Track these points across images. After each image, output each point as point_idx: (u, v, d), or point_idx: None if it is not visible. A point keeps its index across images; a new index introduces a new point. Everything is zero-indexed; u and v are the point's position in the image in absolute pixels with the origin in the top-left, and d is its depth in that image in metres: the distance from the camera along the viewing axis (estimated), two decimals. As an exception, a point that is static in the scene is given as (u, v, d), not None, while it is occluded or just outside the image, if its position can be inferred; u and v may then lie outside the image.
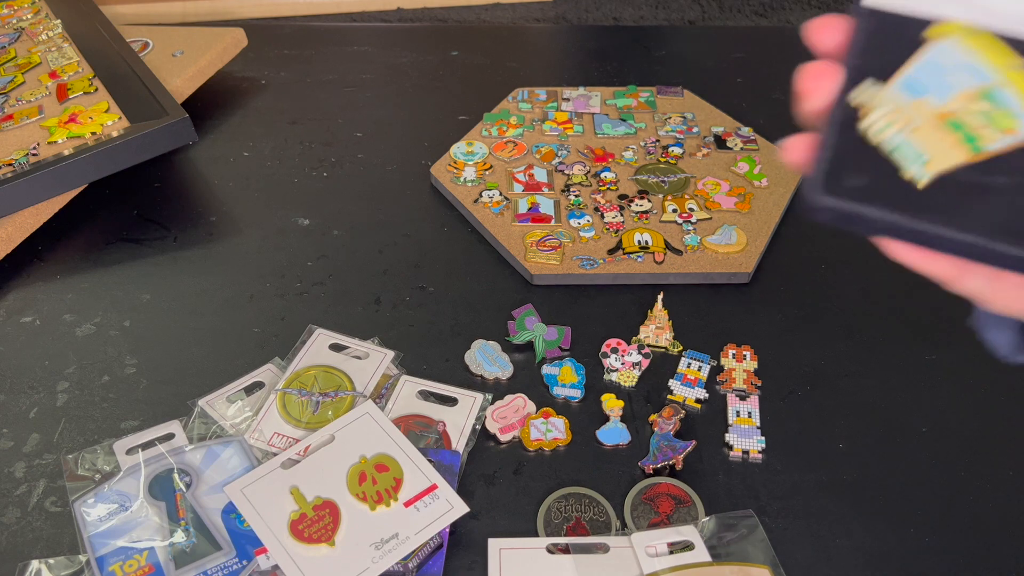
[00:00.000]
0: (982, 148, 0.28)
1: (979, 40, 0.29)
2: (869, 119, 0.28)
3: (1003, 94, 0.29)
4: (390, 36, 1.01)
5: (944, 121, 0.28)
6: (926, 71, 0.29)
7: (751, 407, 0.55)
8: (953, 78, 0.29)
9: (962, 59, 0.29)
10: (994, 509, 0.49)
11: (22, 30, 0.87)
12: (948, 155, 0.28)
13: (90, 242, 0.69)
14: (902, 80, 0.29)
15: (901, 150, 0.28)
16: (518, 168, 0.74)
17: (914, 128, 0.28)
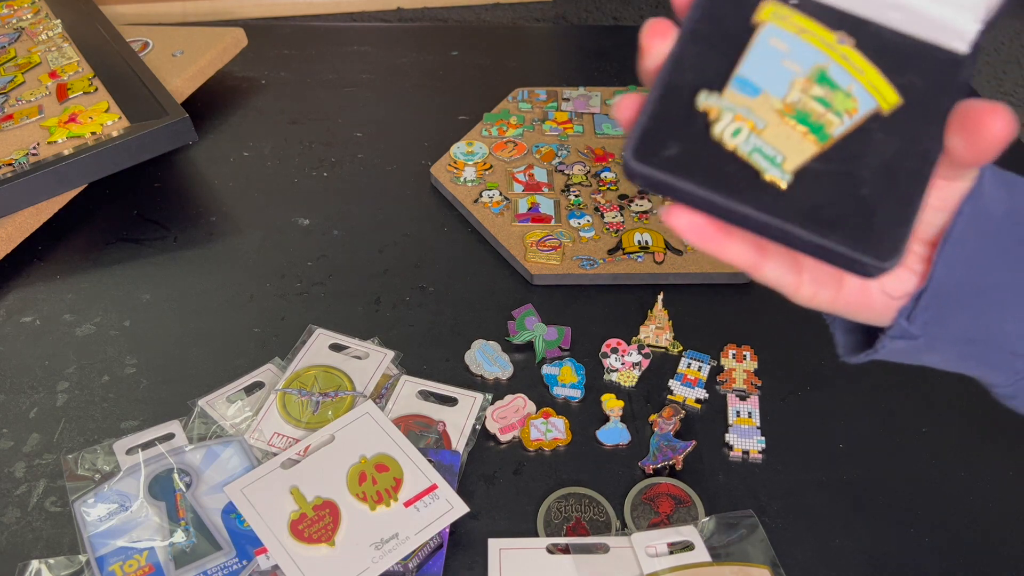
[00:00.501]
0: (830, 135, 0.28)
1: (798, 21, 0.29)
2: (718, 128, 0.28)
3: (835, 74, 0.29)
4: (390, 36, 1.01)
5: (788, 115, 0.28)
6: (759, 64, 0.29)
7: (751, 407, 0.55)
8: (785, 67, 0.29)
9: (788, 44, 0.29)
10: (994, 509, 0.49)
11: (22, 30, 0.87)
12: (800, 150, 0.28)
13: (90, 242, 0.69)
14: (738, 79, 0.28)
15: (756, 154, 0.28)
16: (518, 168, 0.74)
17: (761, 130, 0.28)
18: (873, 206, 0.28)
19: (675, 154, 0.28)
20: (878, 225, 0.27)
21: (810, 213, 0.27)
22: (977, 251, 0.31)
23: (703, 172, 0.27)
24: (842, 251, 0.27)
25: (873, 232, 0.27)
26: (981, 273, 0.31)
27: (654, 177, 0.27)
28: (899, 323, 0.32)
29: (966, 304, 0.32)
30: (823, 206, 0.27)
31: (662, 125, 0.28)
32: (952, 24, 0.30)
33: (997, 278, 0.31)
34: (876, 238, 0.27)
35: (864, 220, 0.27)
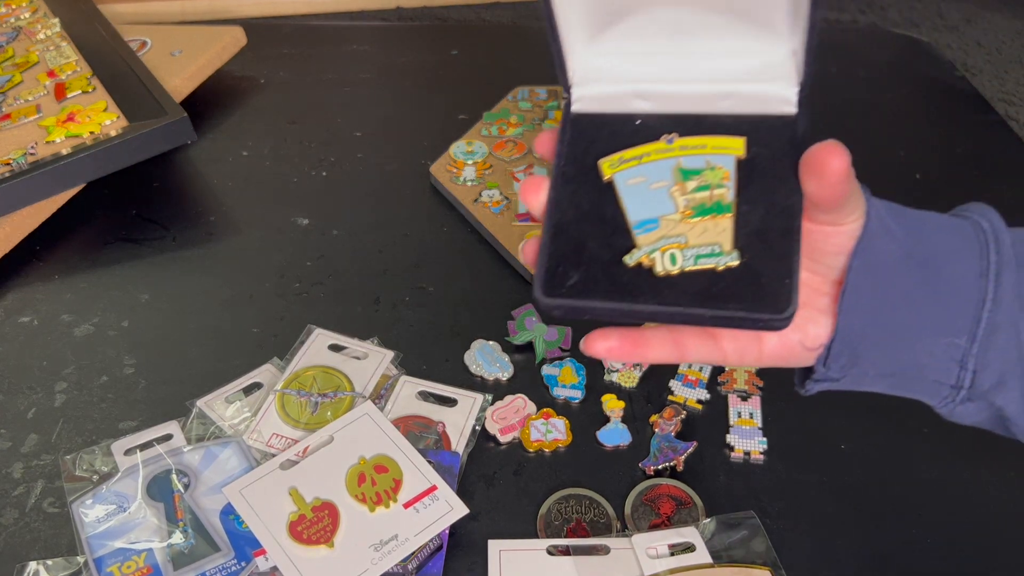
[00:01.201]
0: (729, 203, 0.32)
1: (630, 155, 0.33)
2: (658, 267, 0.31)
3: (688, 163, 0.33)
4: (390, 35, 1.01)
5: (690, 217, 0.32)
6: (638, 204, 0.33)
7: (752, 408, 0.54)
8: (655, 190, 0.33)
9: (641, 175, 0.33)
10: (996, 510, 0.49)
11: (20, 29, 0.86)
12: (723, 230, 0.31)
13: (89, 242, 0.69)
14: (636, 226, 0.32)
15: (701, 260, 0.31)
16: (518, 168, 0.74)
17: (686, 244, 0.31)
18: (757, 270, 0.31)
19: (577, 281, 0.31)
20: (767, 285, 0.30)
21: (705, 293, 0.30)
22: (876, 297, 0.33)
23: (604, 288, 0.31)
24: (743, 316, 0.30)
25: (764, 292, 0.30)
26: (885, 316, 0.33)
27: (565, 305, 0.31)
28: (818, 369, 0.35)
29: (877, 344, 0.34)
30: (714, 284, 0.31)
31: (559, 262, 0.32)
32: (775, 95, 0.33)
33: (902, 318, 0.33)
34: (769, 297, 0.30)
35: (754, 284, 0.30)
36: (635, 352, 0.34)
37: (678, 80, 0.34)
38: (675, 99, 0.34)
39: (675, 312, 0.30)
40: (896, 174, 0.77)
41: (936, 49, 0.98)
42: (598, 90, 0.35)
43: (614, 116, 0.35)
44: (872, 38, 1.05)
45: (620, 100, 0.35)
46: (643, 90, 0.34)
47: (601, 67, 0.34)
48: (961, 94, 0.90)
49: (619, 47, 0.34)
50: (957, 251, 0.33)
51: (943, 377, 0.34)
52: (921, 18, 2.04)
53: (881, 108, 0.87)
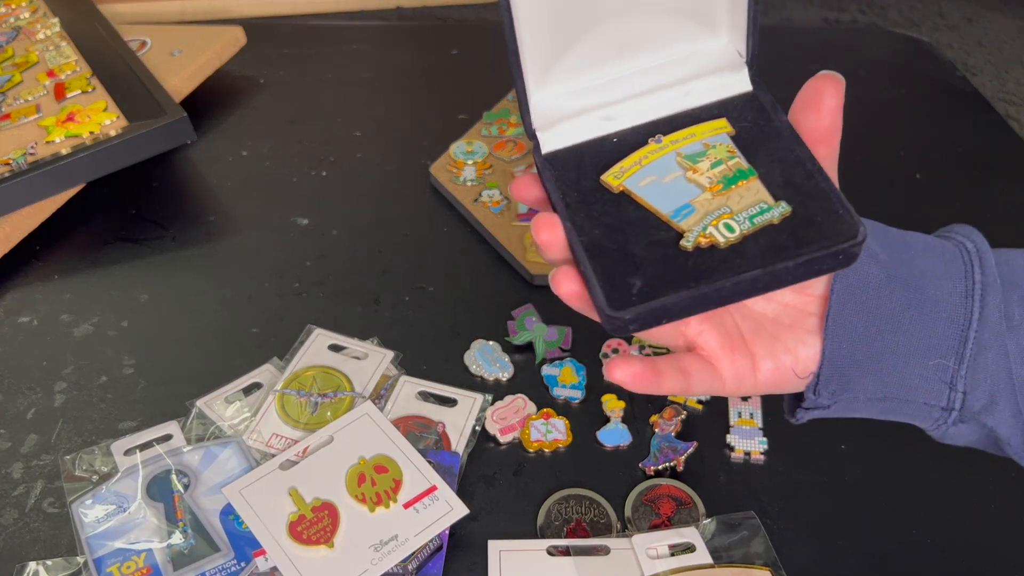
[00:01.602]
0: (749, 168, 0.32)
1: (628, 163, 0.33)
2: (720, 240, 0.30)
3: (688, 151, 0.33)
4: (389, 35, 1.01)
5: (720, 191, 0.32)
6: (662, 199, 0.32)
7: (753, 408, 0.54)
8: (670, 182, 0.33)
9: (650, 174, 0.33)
10: (996, 510, 0.49)
11: (19, 28, 0.86)
12: (758, 191, 0.32)
13: (88, 242, 0.69)
14: (672, 215, 0.32)
15: (756, 218, 0.31)
16: (518, 167, 0.74)
17: (731, 212, 0.31)
18: (809, 211, 0.31)
19: (643, 285, 0.30)
20: (826, 220, 0.30)
21: (775, 248, 0.30)
22: (861, 321, 0.33)
23: (675, 279, 0.30)
24: (823, 254, 0.29)
25: (829, 226, 0.30)
26: (872, 339, 0.33)
27: (641, 312, 0.29)
28: (808, 396, 0.35)
29: (866, 369, 0.34)
30: (776, 237, 0.30)
31: (612, 275, 0.30)
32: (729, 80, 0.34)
33: (889, 341, 0.33)
34: (835, 228, 0.30)
35: (814, 224, 0.30)
36: (654, 381, 0.34)
37: (637, 91, 0.35)
38: (640, 109, 0.35)
39: (757, 276, 0.29)
40: (896, 174, 0.77)
41: (936, 49, 0.98)
42: (563, 122, 0.35)
43: (587, 143, 0.34)
44: (872, 38, 1.05)
45: (587, 127, 0.35)
46: (607, 111, 0.35)
47: (559, 99, 0.35)
48: (961, 94, 0.90)
49: (571, 78, 0.34)
50: (941, 272, 0.34)
51: (934, 399, 0.34)
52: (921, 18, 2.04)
53: (881, 108, 0.87)
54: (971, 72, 1.82)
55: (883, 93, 0.89)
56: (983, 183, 0.77)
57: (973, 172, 0.78)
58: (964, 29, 2.00)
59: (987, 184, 0.76)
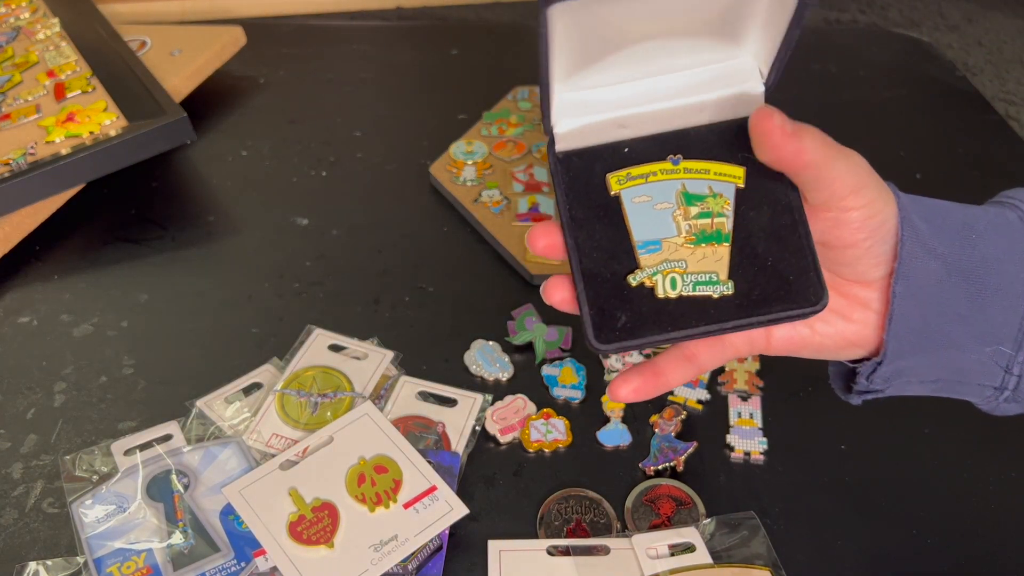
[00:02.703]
0: (727, 233, 0.33)
1: (637, 172, 0.34)
2: (659, 290, 0.33)
3: (693, 188, 0.34)
4: (389, 35, 1.01)
5: (691, 243, 0.33)
6: (642, 223, 0.34)
7: (753, 408, 0.54)
8: (659, 211, 0.34)
9: (647, 194, 0.34)
10: (997, 510, 0.49)
11: (19, 28, 0.86)
12: (719, 259, 0.33)
13: (88, 242, 0.69)
14: (640, 245, 0.34)
15: (699, 287, 0.33)
16: (518, 167, 0.74)
17: (685, 269, 0.33)
18: (783, 270, 0.33)
19: (627, 321, 0.33)
20: (796, 282, 0.32)
21: (745, 304, 0.32)
22: (919, 319, 0.34)
23: (655, 323, 0.33)
24: (784, 316, 0.32)
25: (795, 289, 0.32)
26: (930, 333, 0.34)
27: (623, 347, 0.33)
28: (861, 382, 0.36)
29: (922, 357, 0.34)
30: (750, 292, 0.33)
31: (602, 305, 0.33)
32: (745, 98, 0.35)
33: (947, 332, 0.34)
34: (801, 292, 0.32)
35: (784, 284, 0.33)
36: (659, 383, 0.36)
37: (653, 101, 0.35)
38: (654, 120, 0.35)
39: (722, 327, 0.32)
40: (896, 174, 0.76)
41: (936, 49, 0.98)
42: (578, 123, 0.35)
43: (601, 148, 0.35)
44: (872, 38, 1.05)
45: (601, 131, 0.35)
46: (621, 117, 0.35)
47: (576, 102, 0.35)
48: (961, 94, 0.90)
49: (591, 80, 0.35)
50: (1002, 257, 0.33)
51: (988, 380, 0.34)
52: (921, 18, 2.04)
53: (881, 108, 0.87)
54: (971, 72, 1.81)
55: (883, 93, 0.89)
56: (983, 183, 0.77)
57: (973, 172, 0.78)
58: (964, 29, 2.00)
59: (987, 184, 0.76)
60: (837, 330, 0.36)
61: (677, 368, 0.36)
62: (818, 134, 0.32)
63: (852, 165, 0.32)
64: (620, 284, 0.33)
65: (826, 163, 0.31)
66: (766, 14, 0.33)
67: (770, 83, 0.34)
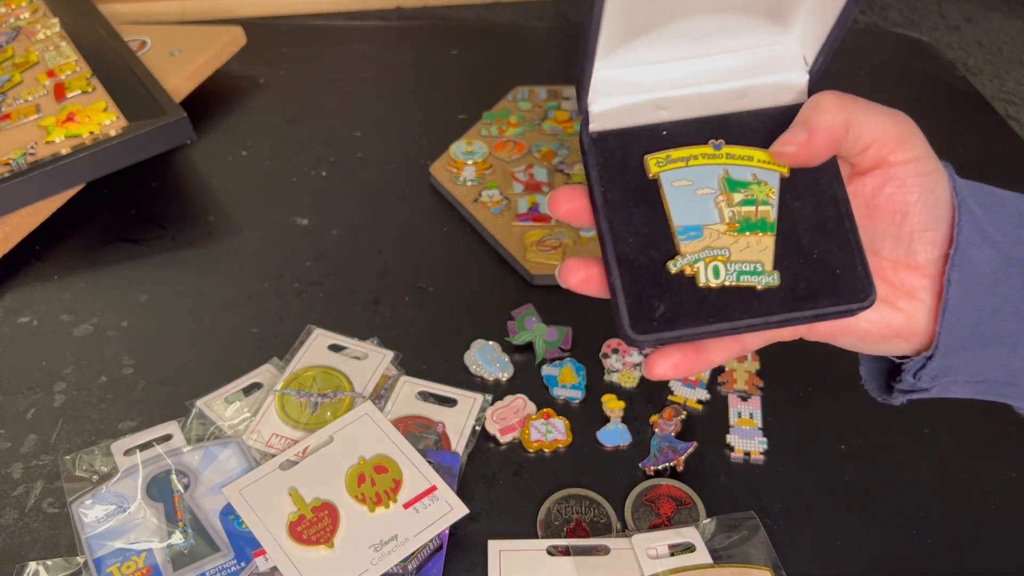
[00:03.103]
0: (772, 222, 0.32)
1: (677, 155, 0.33)
2: (701, 279, 0.31)
3: (736, 174, 0.33)
4: (389, 35, 1.01)
5: (735, 231, 0.32)
6: (682, 208, 0.32)
7: (753, 408, 0.54)
8: (701, 196, 0.32)
9: (688, 178, 0.33)
10: (997, 511, 0.49)
11: (19, 28, 0.86)
12: (764, 248, 0.32)
13: (88, 242, 0.69)
14: (680, 231, 0.32)
15: (743, 276, 0.31)
16: (518, 167, 0.74)
17: (729, 257, 0.32)
18: (829, 263, 0.31)
19: (666, 311, 0.31)
20: (843, 276, 0.31)
21: (789, 298, 0.31)
22: (973, 312, 0.32)
23: (696, 314, 0.31)
24: (831, 311, 0.31)
25: (842, 284, 0.31)
26: (982, 328, 0.32)
27: (661, 338, 0.31)
28: (906, 379, 0.34)
29: (971, 354, 0.33)
30: (795, 285, 0.31)
31: (639, 293, 0.32)
32: (787, 86, 0.34)
33: (1000, 327, 0.32)
34: (848, 287, 0.31)
35: (831, 278, 0.31)
36: (700, 360, 0.34)
37: (694, 83, 0.34)
38: (694, 103, 0.34)
39: (770, 321, 0.31)
40: (896, 174, 0.77)
41: (936, 49, 0.98)
42: (616, 103, 0.34)
43: (637, 129, 0.34)
44: (872, 38, 1.05)
45: (640, 111, 0.34)
46: (661, 98, 0.34)
47: (615, 81, 0.34)
48: (961, 94, 0.90)
49: (631, 59, 0.33)
50: None
51: None
52: (921, 18, 2.04)
53: (881, 108, 0.87)
54: (971, 72, 1.81)
55: (883, 93, 0.89)
56: (983, 183, 0.76)
57: (973, 172, 0.77)
58: (964, 29, 2.00)
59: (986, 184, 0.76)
60: (883, 317, 0.34)
61: (721, 346, 0.34)
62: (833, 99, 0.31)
63: (892, 116, 0.31)
64: (658, 272, 0.31)
65: (856, 116, 0.31)
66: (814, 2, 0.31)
67: (814, 71, 0.33)
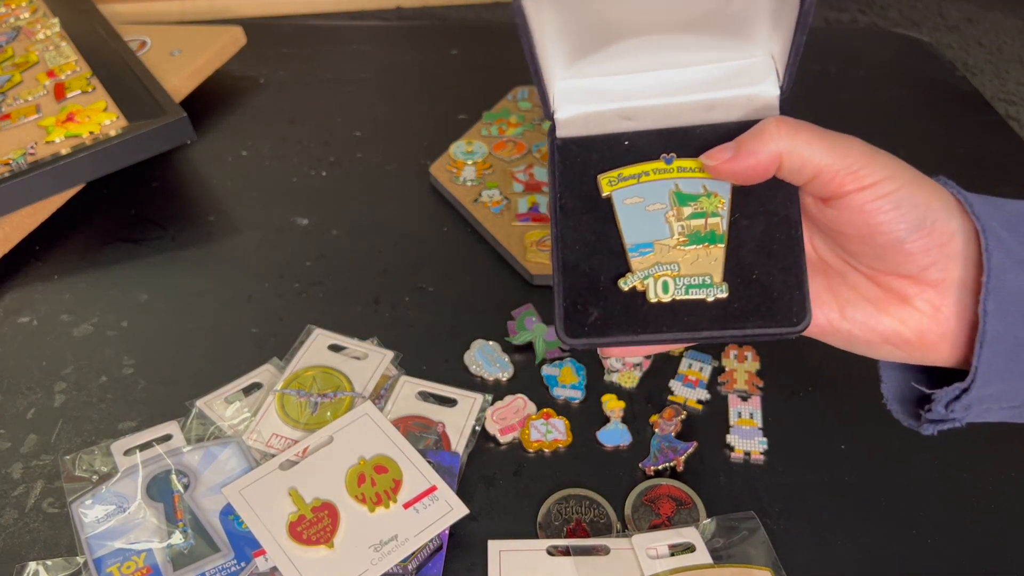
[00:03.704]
0: (722, 234, 0.32)
1: (629, 172, 0.34)
2: (651, 294, 0.32)
3: (685, 187, 0.33)
4: (389, 35, 1.01)
5: (684, 245, 0.32)
6: (634, 225, 0.33)
7: (753, 408, 0.54)
8: (651, 212, 0.33)
9: (638, 195, 0.33)
10: (997, 510, 0.49)
11: (19, 28, 0.86)
12: (714, 260, 0.32)
13: (88, 242, 0.69)
14: (631, 248, 0.33)
15: (692, 290, 0.32)
16: (518, 167, 0.74)
17: (678, 272, 0.32)
18: (768, 285, 0.32)
19: (597, 319, 0.32)
20: (779, 299, 0.31)
21: (721, 316, 0.31)
22: (1011, 339, 0.31)
23: (625, 323, 0.32)
24: (761, 333, 0.31)
25: (779, 306, 0.31)
26: (1019, 353, 0.31)
27: (590, 343, 0.32)
28: (938, 409, 0.32)
29: (1006, 381, 0.31)
30: (729, 305, 0.32)
31: (575, 299, 0.32)
32: (758, 101, 0.34)
33: None
34: (784, 310, 0.31)
35: (767, 301, 0.31)
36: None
37: (661, 94, 0.34)
38: (660, 114, 0.34)
39: (695, 336, 0.32)
40: (896, 174, 0.77)
41: (936, 49, 0.98)
42: (582, 111, 0.34)
43: (601, 138, 0.34)
44: (872, 38, 1.05)
45: (605, 121, 0.34)
46: (627, 108, 0.34)
47: (582, 90, 0.34)
48: (961, 94, 0.90)
49: (599, 69, 0.34)
50: None
51: None
52: (921, 18, 2.04)
53: (881, 108, 0.87)
54: (971, 72, 1.81)
55: (883, 93, 0.89)
56: (983, 183, 0.76)
57: (973, 172, 0.78)
58: (964, 29, 2.00)
59: (987, 184, 0.76)
60: (868, 321, 0.33)
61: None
62: (777, 126, 0.30)
63: (842, 146, 0.30)
64: (597, 281, 0.32)
65: (797, 147, 0.30)
66: (773, 11, 0.32)
67: (785, 84, 0.33)
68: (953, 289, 0.32)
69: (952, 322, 0.32)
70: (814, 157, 0.30)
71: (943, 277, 0.32)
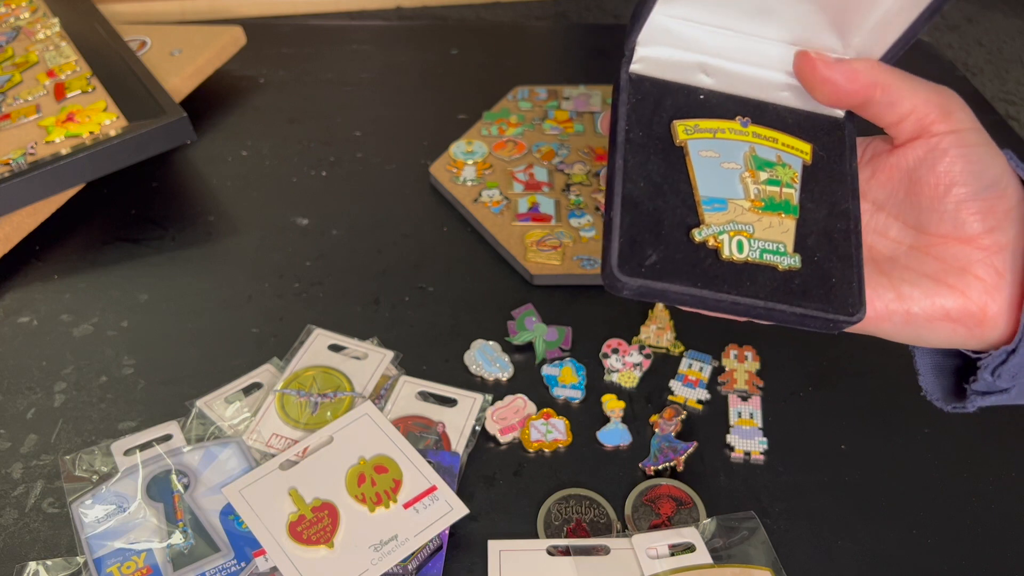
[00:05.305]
0: (795, 205, 0.32)
1: (705, 125, 0.33)
2: (725, 251, 0.31)
3: (761, 153, 0.33)
4: (389, 34, 1.01)
5: (759, 208, 0.32)
6: (708, 179, 0.32)
7: (753, 408, 0.54)
8: (727, 169, 0.32)
9: (714, 149, 0.32)
10: (997, 510, 0.49)
11: (19, 28, 0.86)
12: (787, 230, 0.32)
13: (88, 242, 0.69)
14: (705, 201, 0.31)
15: (765, 254, 0.31)
16: (518, 167, 0.74)
17: (752, 233, 0.31)
18: (828, 271, 0.31)
19: (656, 261, 0.30)
20: (838, 287, 0.31)
21: (782, 290, 0.31)
22: None
23: (685, 272, 0.30)
24: (814, 316, 0.30)
25: (837, 294, 0.31)
26: None
27: (643, 287, 0.30)
28: (983, 378, 0.32)
29: None
30: (791, 280, 0.31)
31: (634, 237, 0.30)
32: None
33: None
34: (841, 299, 0.31)
35: (826, 285, 0.31)
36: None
37: (743, 61, 0.33)
38: (738, 80, 0.33)
39: (755, 304, 0.30)
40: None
41: (936, 49, 0.98)
42: (664, 54, 0.33)
43: (676, 85, 0.33)
44: (872, 38, 1.05)
45: (684, 70, 0.33)
46: (709, 64, 0.33)
47: (672, 31, 0.33)
48: (962, 94, 0.89)
49: (692, 15, 0.33)
50: None
51: None
52: (921, 18, 2.03)
53: (881, 108, 0.87)
54: (971, 72, 1.81)
55: (883, 93, 0.89)
56: None
57: (973, 172, 0.78)
58: (964, 29, 1.99)
59: None
60: (927, 296, 0.32)
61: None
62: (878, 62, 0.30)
63: (935, 88, 0.30)
64: (660, 224, 0.30)
65: (894, 82, 0.30)
66: (884, 16, 0.31)
67: None
68: (1018, 255, 0.31)
69: (1014, 288, 0.31)
70: (914, 94, 0.30)
71: (1006, 242, 0.31)
